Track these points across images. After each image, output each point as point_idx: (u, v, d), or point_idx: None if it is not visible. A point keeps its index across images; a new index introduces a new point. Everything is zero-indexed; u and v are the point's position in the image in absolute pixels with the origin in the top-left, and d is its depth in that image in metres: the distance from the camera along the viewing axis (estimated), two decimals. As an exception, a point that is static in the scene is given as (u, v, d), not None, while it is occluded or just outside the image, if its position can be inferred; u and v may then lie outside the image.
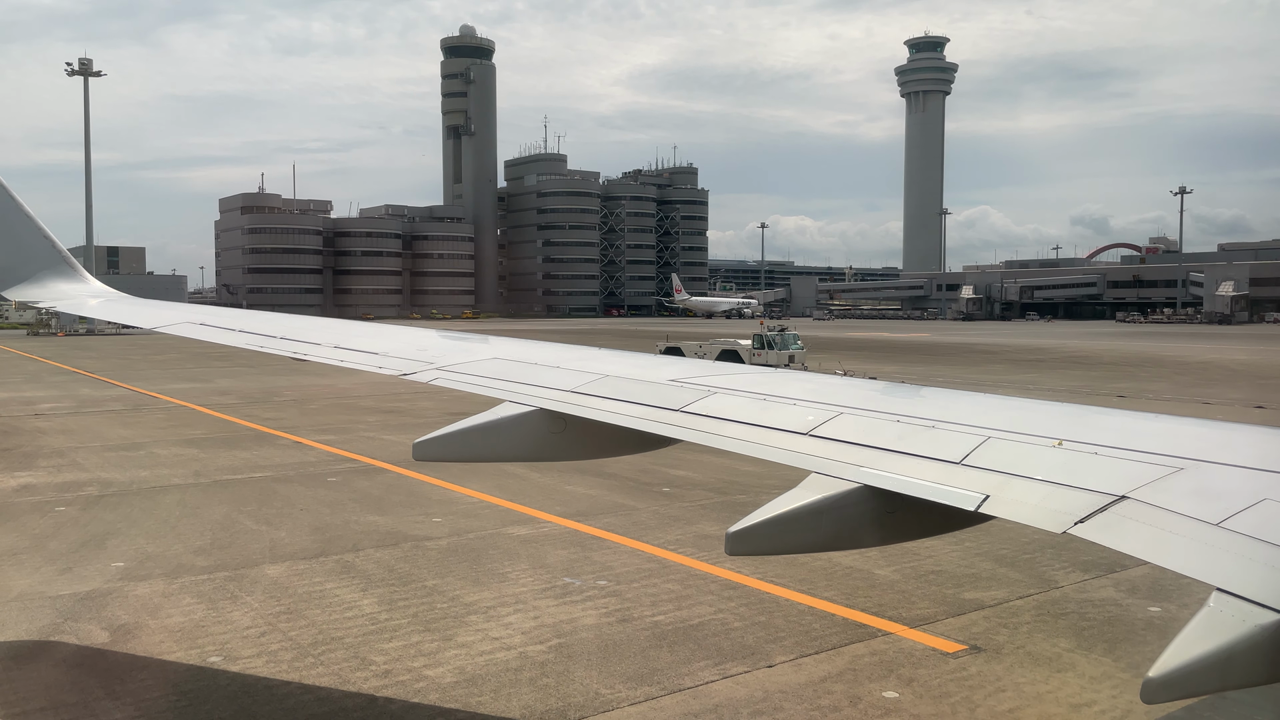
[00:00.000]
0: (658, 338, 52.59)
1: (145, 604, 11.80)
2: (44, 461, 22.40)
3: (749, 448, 4.46)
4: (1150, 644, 10.47)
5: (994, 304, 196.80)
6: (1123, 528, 3.23)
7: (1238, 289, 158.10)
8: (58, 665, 9.89)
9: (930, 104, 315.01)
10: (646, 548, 14.43)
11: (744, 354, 45.67)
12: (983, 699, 9.00)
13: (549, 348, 6.91)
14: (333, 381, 40.89)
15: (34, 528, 15.82)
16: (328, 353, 7.27)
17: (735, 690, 9.15)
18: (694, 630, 10.75)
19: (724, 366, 6.18)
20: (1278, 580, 2.78)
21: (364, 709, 8.75)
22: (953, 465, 3.89)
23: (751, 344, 47.02)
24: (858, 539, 4.09)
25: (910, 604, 11.73)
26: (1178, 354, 66.73)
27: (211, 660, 9.93)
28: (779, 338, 47.04)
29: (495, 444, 5.52)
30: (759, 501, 3.86)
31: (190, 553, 14.21)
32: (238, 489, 19.04)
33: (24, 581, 12.73)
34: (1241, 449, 3.75)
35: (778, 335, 47.34)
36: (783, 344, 46.41)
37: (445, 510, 16.89)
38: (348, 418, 30.46)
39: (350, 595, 12.14)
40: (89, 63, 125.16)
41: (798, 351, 46.16)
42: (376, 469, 21.28)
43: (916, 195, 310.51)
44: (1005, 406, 4.71)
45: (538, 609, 11.54)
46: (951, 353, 70.38)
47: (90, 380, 45.68)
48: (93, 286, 9.74)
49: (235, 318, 8.70)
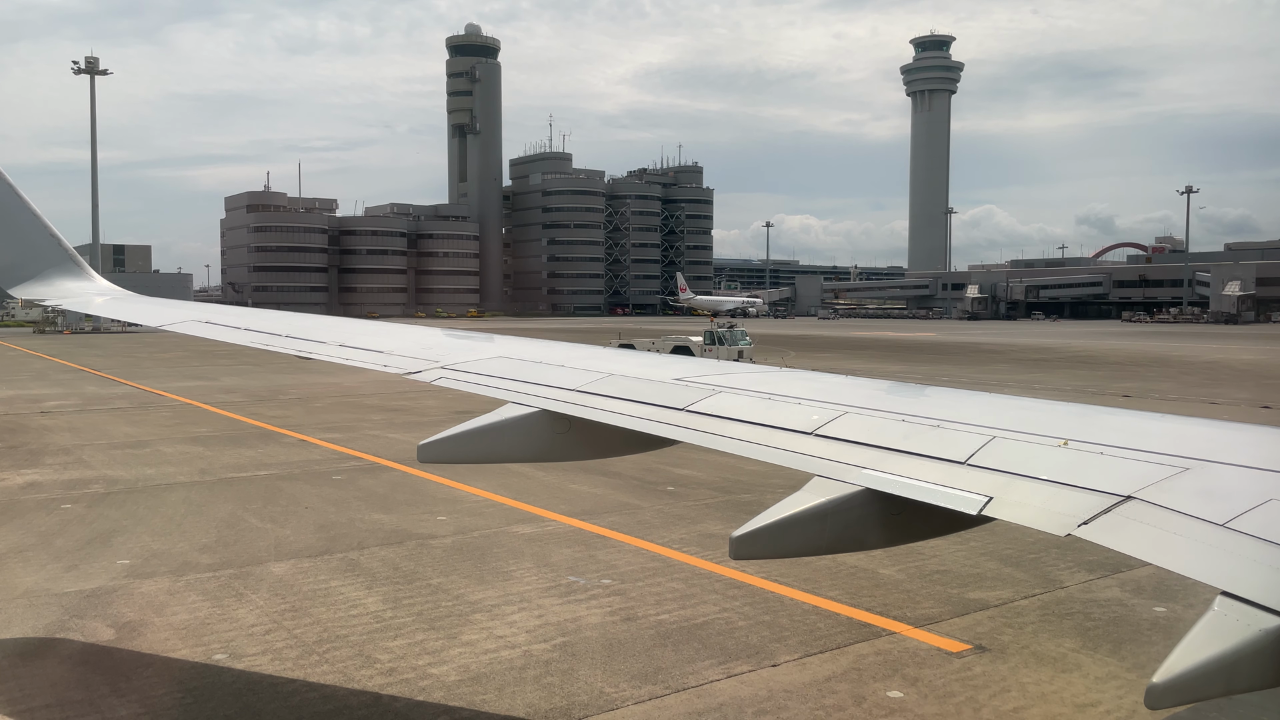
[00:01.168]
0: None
1: (151, 601, 11.83)
2: (50, 459, 22.46)
3: (754, 449, 4.45)
4: (1156, 644, 10.44)
5: (999, 303, 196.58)
6: (1127, 529, 3.21)
7: (1244, 289, 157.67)
8: (64, 662, 9.92)
9: (936, 103, 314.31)
10: (651, 547, 14.43)
11: (696, 349, 48.82)
12: (987, 699, 8.98)
13: (554, 346, 6.91)
14: (338, 380, 40.95)
15: (40, 525, 15.87)
16: (333, 351, 7.28)
17: (740, 689, 9.14)
18: (698, 629, 10.75)
19: (729, 365, 6.18)
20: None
21: (369, 707, 8.76)
22: (957, 466, 3.88)
23: (703, 340, 50.43)
24: (862, 541, 4.07)
25: (915, 603, 11.71)
26: (1184, 354, 66.55)
27: (217, 658, 9.95)
28: (729, 334, 50.76)
29: (500, 445, 5.52)
30: (763, 500, 3.87)
31: (196, 550, 14.24)
32: (243, 487, 19.07)
33: (30, 578, 12.77)
34: (1248, 449, 3.74)
35: (727, 331, 51.12)
36: (732, 340, 50.03)
37: (450, 509, 16.91)
38: (353, 416, 30.50)
39: (355, 593, 12.15)
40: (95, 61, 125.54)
41: (745, 347, 49.79)
42: (381, 467, 21.31)
43: (922, 194, 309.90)
44: (1011, 406, 4.70)
45: (542, 607, 11.54)
46: (957, 352, 70.28)
47: (96, 378, 45.80)
48: (99, 284, 9.76)
49: (241, 316, 8.72)
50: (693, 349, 48.42)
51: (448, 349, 7.12)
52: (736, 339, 50.19)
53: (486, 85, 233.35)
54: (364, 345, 7.31)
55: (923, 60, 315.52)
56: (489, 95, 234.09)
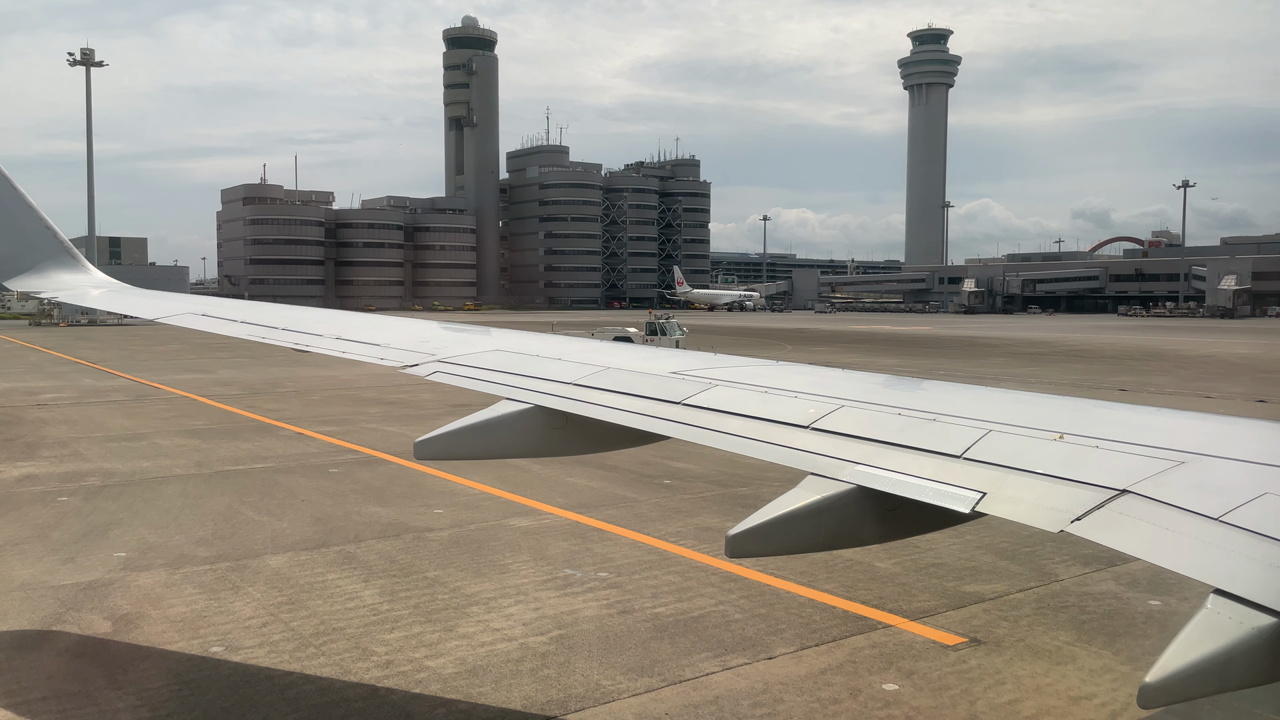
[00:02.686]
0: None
1: (147, 594, 11.83)
2: (46, 452, 22.44)
3: (750, 445, 4.43)
4: (1150, 637, 10.48)
5: (996, 297, 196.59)
6: (1121, 525, 3.22)
7: (1240, 283, 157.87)
8: (60, 654, 9.92)
9: (933, 96, 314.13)
10: (648, 540, 14.45)
11: (636, 339, 52.39)
12: (982, 691, 9.01)
13: (550, 340, 6.91)
14: (334, 373, 40.91)
15: (36, 518, 15.86)
16: (329, 344, 7.28)
17: (736, 682, 9.16)
18: (695, 622, 10.77)
19: (726, 359, 6.17)
20: (1277, 580, 2.76)
21: (365, 699, 8.77)
22: (952, 460, 3.88)
23: (643, 330, 55.82)
24: (859, 537, 4.07)
25: (911, 597, 11.74)
26: (1180, 348, 66.63)
27: (213, 650, 9.96)
28: (666, 325, 56.84)
29: (497, 441, 5.52)
30: (760, 494, 3.88)
31: (192, 543, 14.24)
32: (240, 480, 19.07)
33: (26, 571, 12.76)
34: (1243, 443, 3.75)
35: (665, 323, 57.30)
36: (669, 331, 56.10)
37: (447, 502, 16.92)
38: (349, 409, 30.48)
39: (352, 586, 12.16)
40: (91, 53, 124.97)
41: (680, 338, 55.48)
42: (378, 460, 21.30)
43: (919, 188, 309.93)
44: (1007, 400, 4.71)
45: (539, 600, 11.56)
46: (953, 346, 70.31)
47: (92, 371, 45.73)
48: (95, 277, 9.75)
49: (237, 309, 8.70)
50: (634, 339, 52.18)
51: (444, 342, 7.12)
52: (671, 330, 56.05)
53: (483, 78, 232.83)
54: (360, 338, 7.31)
55: (920, 54, 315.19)
56: (486, 88, 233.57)
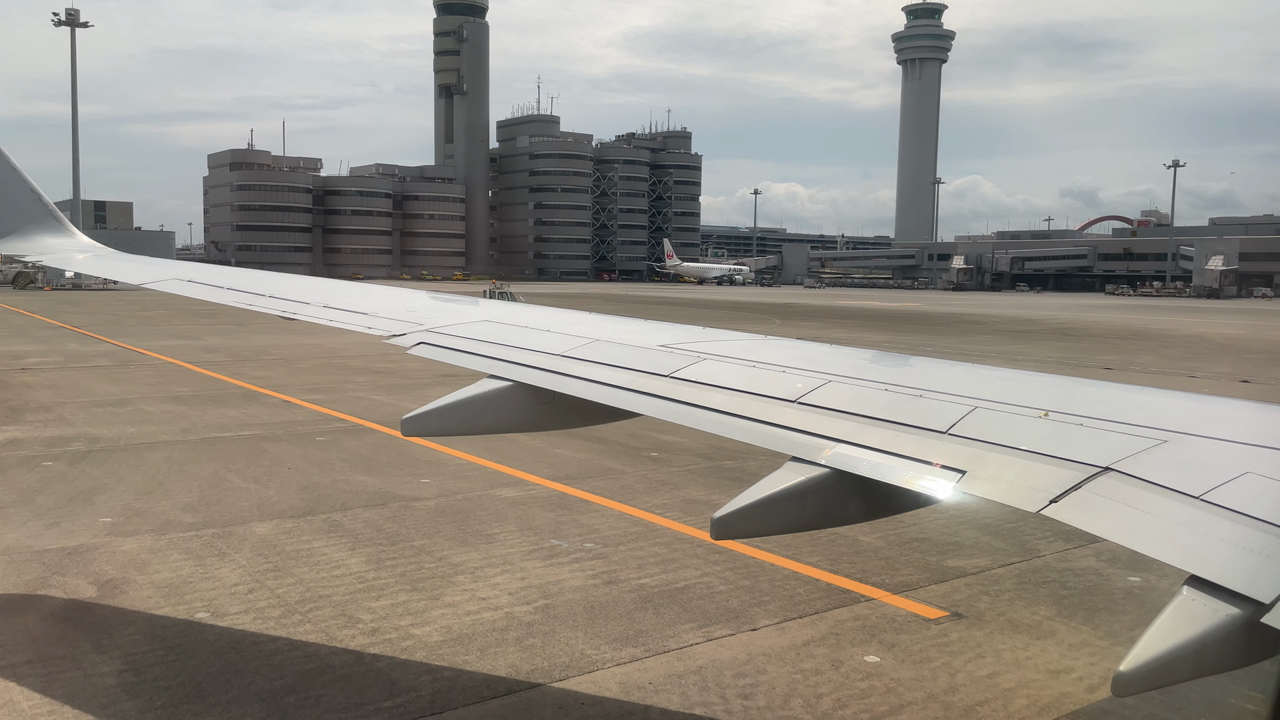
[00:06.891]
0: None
1: (133, 559, 11.83)
2: (31, 416, 22.33)
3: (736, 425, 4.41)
4: (1129, 613, 10.61)
5: (985, 274, 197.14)
6: (1098, 507, 3.24)
7: (1227, 263, 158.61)
8: (45, 618, 9.92)
9: (927, 72, 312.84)
10: (634, 511, 14.51)
11: None
12: (963, 664, 9.12)
13: (539, 311, 6.90)
14: (322, 341, 40.76)
15: (21, 482, 15.81)
16: (316, 312, 7.25)
17: (719, 652, 9.25)
18: (679, 593, 10.84)
19: (715, 333, 6.17)
20: (1252, 565, 2.77)
21: (351, 665, 8.82)
22: (936, 436, 3.90)
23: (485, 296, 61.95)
24: (843, 517, 4.08)
25: (893, 570, 11.84)
26: (1166, 327, 66.99)
27: (199, 616, 9.98)
28: (504, 295, 63.61)
29: (485, 416, 5.51)
30: (746, 467, 3.90)
31: (178, 509, 14.23)
32: (226, 447, 19.03)
33: (11, 535, 12.74)
34: (1226, 423, 3.78)
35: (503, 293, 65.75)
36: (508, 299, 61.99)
37: (434, 471, 16.93)
38: (337, 377, 30.40)
39: (338, 554, 12.19)
40: (76, 13, 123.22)
41: None
42: (365, 429, 21.28)
43: (910, 164, 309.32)
44: (994, 377, 4.73)
45: (525, 570, 11.61)
46: (940, 322, 70.49)
47: (77, 335, 45.43)
48: (80, 241, 9.67)
49: (224, 275, 8.65)
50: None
51: (432, 312, 7.10)
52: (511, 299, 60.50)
53: (474, 45, 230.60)
54: (348, 306, 7.28)
55: (914, 28, 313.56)
56: (476, 55, 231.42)
